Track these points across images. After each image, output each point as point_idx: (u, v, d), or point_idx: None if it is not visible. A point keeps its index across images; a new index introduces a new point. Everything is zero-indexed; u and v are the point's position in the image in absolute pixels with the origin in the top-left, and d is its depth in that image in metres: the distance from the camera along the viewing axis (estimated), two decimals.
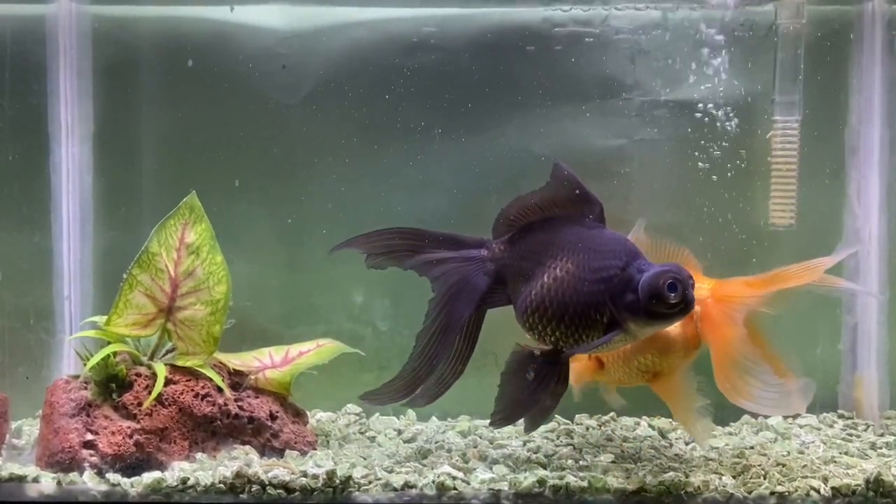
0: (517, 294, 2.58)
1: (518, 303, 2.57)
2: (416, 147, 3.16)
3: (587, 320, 2.48)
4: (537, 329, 2.54)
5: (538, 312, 2.52)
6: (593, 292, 2.46)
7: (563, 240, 2.54)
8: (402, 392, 2.62)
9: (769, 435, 3.00)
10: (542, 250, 2.55)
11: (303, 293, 3.21)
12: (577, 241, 2.52)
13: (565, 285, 2.49)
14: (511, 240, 2.63)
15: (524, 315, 2.55)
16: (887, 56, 3.11)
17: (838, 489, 2.49)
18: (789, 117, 3.06)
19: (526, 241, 2.60)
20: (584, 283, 2.47)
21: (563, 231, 2.55)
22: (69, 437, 2.59)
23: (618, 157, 3.15)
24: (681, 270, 2.39)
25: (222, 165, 3.16)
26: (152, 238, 2.74)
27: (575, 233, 2.54)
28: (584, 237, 2.52)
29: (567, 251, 2.51)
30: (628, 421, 3.13)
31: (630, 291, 2.42)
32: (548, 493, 2.47)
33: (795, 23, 3.06)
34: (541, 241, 2.57)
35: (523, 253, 2.59)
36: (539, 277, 2.53)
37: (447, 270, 2.62)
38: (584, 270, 2.48)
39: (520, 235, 2.61)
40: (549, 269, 2.52)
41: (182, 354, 2.76)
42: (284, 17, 3.16)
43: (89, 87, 3.12)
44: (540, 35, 3.14)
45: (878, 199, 3.14)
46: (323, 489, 2.47)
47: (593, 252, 2.49)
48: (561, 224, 2.57)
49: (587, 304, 2.47)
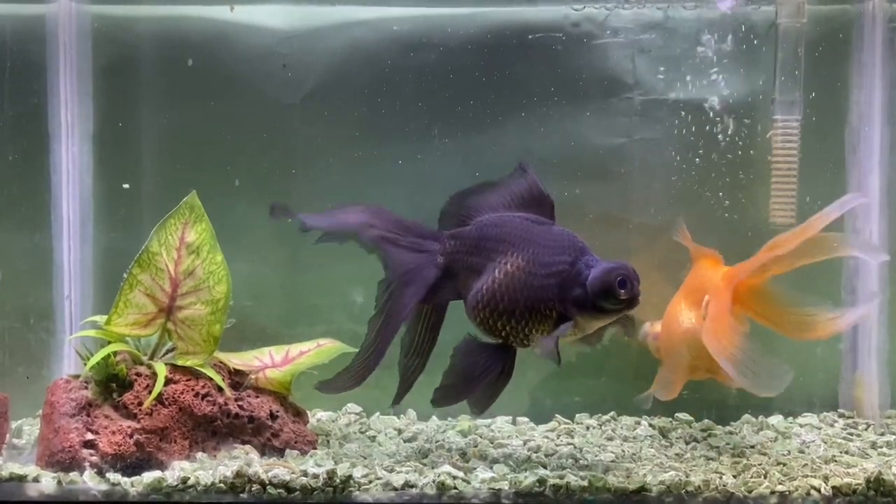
0: (467, 289, 2.62)
1: (468, 298, 2.61)
2: (416, 146, 3.16)
3: (537, 315, 2.52)
4: (488, 324, 2.58)
5: (489, 308, 2.56)
6: (543, 287, 2.51)
7: (513, 235, 2.58)
8: (353, 380, 2.66)
9: (770, 434, 3.00)
10: (493, 246, 2.60)
11: (303, 293, 3.21)
12: (527, 236, 2.57)
13: (515, 281, 2.53)
14: (460, 234, 2.66)
15: (474, 310, 2.59)
16: (887, 55, 3.11)
17: (839, 488, 2.49)
18: (789, 116, 3.06)
19: (476, 237, 2.64)
20: (534, 277, 2.52)
21: (513, 227, 2.60)
22: (69, 437, 2.59)
23: (617, 157, 3.15)
24: (629, 267, 2.46)
25: (222, 165, 3.16)
26: (152, 237, 2.74)
27: (525, 228, 2.59)
28: (533, 233, 2.57)
29: (517, 247, 2.56)
30: (629, 420, 3.13)
31: (578, 286, 2.48)
32: (548, 493, 2.47)
33: (796, 22, 3.06)
34: (491, 237, 2.61)
35: (473, 248, 2.63)
36: (489, 273, 2.57)
37: (399, 258, 2.67)
38: (534, 266, 2.53)
39: (469, 230, 2.65)
40: (499, 264, 2.56)
41: (182, 354, 2.76)
42: (284, 16, 3.16)
43: (89, 87, 3.12)
44: (540, 34, 3.14)
45: (878, 197, 3.14)
46: (323, 488, 2.47)
47: (542, 248, 2.54)
48: (510, 220, 2.62)
49: (537, 298, 2.51)
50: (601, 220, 3.15)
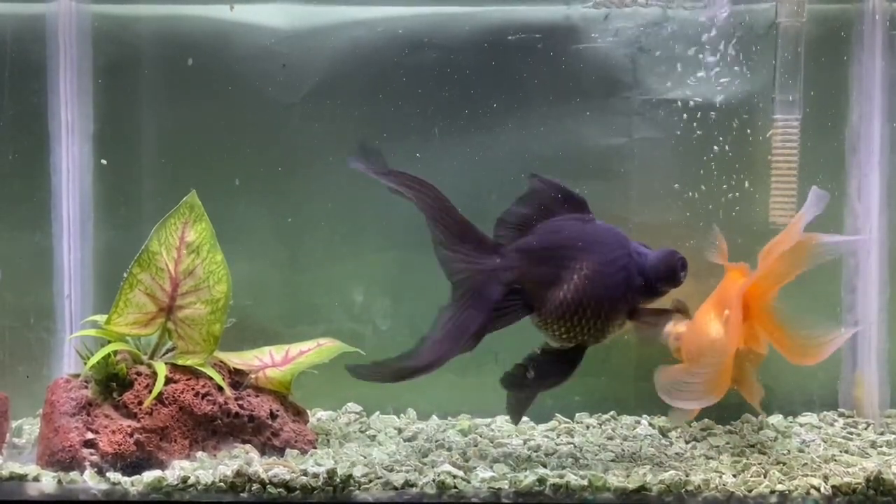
0: (540, 301, 2.60)
1: (546, 309, 2.60)
2: (416, 146, 3.15)
3: (614, 311, 2.59)
4: (570, 330, 2.60)
5: (576, 315, 2.58)
6: (616, 283, 2.58)
7: (576, 239, 2.61)
8: (385, 377, 2.60)
9: (769, 433, 3.00)
10: (562, 253, 2.60)
11: (303, 292, 3.21)
12: (588, 237, 2.61)
13: (594, 282, 2.57)
14: (524, 247, 2.63)
15: (559, 319, 2.59)
16: (887, 54, 3.11)
17: (839, 488, 2.49)
18: (789, 116, 3.06)
19: (542, 246, 2.62)
20: (607, 276, 2.58)
21: (573, 231, 2.62)
22: (70, 436, 2.59)
23: (617, 156, 3.15)
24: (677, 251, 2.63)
25: (222, 164, 3.16)
26: (152, 237, 2.74)
27: (582, 230, 2.62)
28: (589, 233, 2.62)
29: (584, 249, 2.60)
30: (628, 420, 3.13)
31: (639, 275, 2.59)
32: (548, 492, 2.47)
33: (796, 21, 3.06)
34: (557, 244, 2.61)
35: (539, 258, 2.61)
36: (567, 280, 2.58)
37: (463, 277, 2.61)
38: (605, 264, 2.58)
39: (531, 241, 2.63)
40: (574, 270, 2.58)
41: (182, 353, 2.76)
42: (284, 16, 3.16)
43: (89, 86, 3.12)
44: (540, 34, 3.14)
45: (878, 197, 3.14)
46: (323, 488, 2.48)
47: (603, 245, 2.60)
48: (567, 225, 2.63)
49: (613, 296, 2.58)
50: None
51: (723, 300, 2.79)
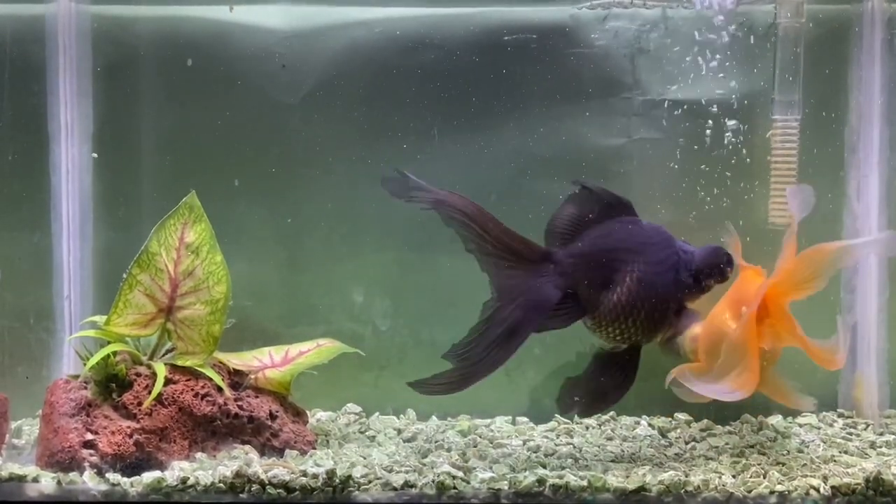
0: (594, 304, 2.64)
1: (601, 311, 2.64)
2: (416, 147, 3.16)
3: (667, 310, 2.65)
4: (625, 332, 2.65)
5: (630, 317, 2.63)
6: (666, 283, 2.64)
7: (626, 242, 2.66)
8: (452, 388, 2.62)
9: (769, 434, 3.00)
10: (610, 256, 2.64)
11: (302, 293, 3.20)
12: (635, 240, 2.66)
13: (646, 283, 2.62)
14: (577, 251, 2.66)
15: (613, 322, 2.64)
16: (887, 55, 3.11)
17: (838, 488, 2.49)
18: (789, 116, 3.06)
19: (594, 250, 2.65)
20: (658, 276, 2.63)
21: (618, 234, 2.67)
22: (69, 437, 2.59)
23: (616, 157, 3.15)
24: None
25: (222, 165, 3.16)
26: (152, 238, 2.74)
27: (628, 233, 2.67)
28: (637, 235, 2.68)
29: (632, 252, 2.64)
30: (628, 420, 3.13)
31: (687, 272, 2.66)
32: (547, 493, 2.47)
33: (795, 22, 3.06)
34: (608, 248, 2.66)
35: (591, 263, 2.64)
36: (619, 283, 2.62)
37: (510, 282, 2.62)
38: (655, 265, 2.64)
39: (583, 246, 2.66)
40: (625, 272, 2.62)
41: (182, 354, 2.76)
42: (284, 16, 3.15)
43: (89, 87, 3.12)
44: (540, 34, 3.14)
45: (877, 198, 3.14)
46: (323, 488, 2.48)
47: (652, 246, 2.66)
48: (612, 229, 2.68)
49: (665, 295, 2.64)
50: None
51: (738, 300, 2.78)
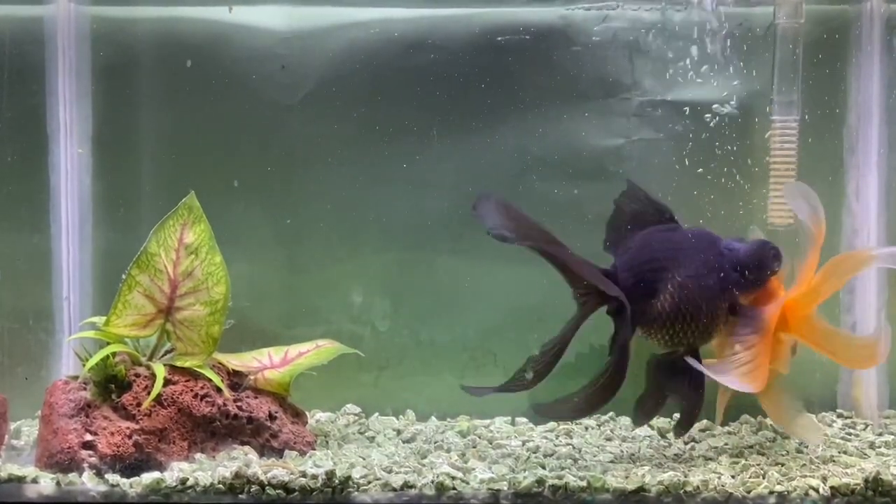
0: (643, 313, 2.67)
1: (648, 320, 2.67)
2: (415, 147, 3.16)
3: (716, 311, 2.66)
4: (674, 337, 2.67)
5: (678, 322, 2.65)
6: (711, 284, 2.66)
7: (663, 250, 2.69)
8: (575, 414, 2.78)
9: (768, 434, 3.00)
10: (653, 264, 2.68)
11: (302, 294, 3.21)
12: (675, 246, 2.69)
13: (689, 288, 2.65)
14: (625, 265, 2.69)
15: (662, 328, 2.67)
16: (885, 55, 3.11)
17: (837, 488, 2.49)
18: (788, 117, 3.06)
19: (638, 262, 2.69)
20: (702, 279, 2.65)
21: (658, 242, 2.70)
22: (68, 438, 2.59)
23: (616, 157, 3.15)
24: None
25: (221, 166, 3.16)
26: (151, 239, 2.74)
27: (668, 239, 2.71)
28: (677, 240, 2.71)
29: (673, 258, 2.67)
30: (627, 421, 3.13)
31: (734, 270, 2.67)
32: (547, 493, 2.47)
33: (794, 22, 3.06)
34: (647, 257, 2.69)
35: (635, 272, 2.67)
36: (665, 289, 2.66)
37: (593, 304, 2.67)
38: (696, 268, 2.66)
39: (627, 259, 2.69)
40: (670, 278, 2.65)
41: (181, 355, 2.76)
42: (283, 17, 3.16)
43: (88, 88, 3.12)
44: (540, 34, 3.14)
45: (876, 198, 3.14)
46: (322, 489, 2.48)
47: (693, 249, 2.68)
48: (652, 237, 2.71)
49: (711, 296, 2.65)
50: (600, 221, 3.15)
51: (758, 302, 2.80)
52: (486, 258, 3.17)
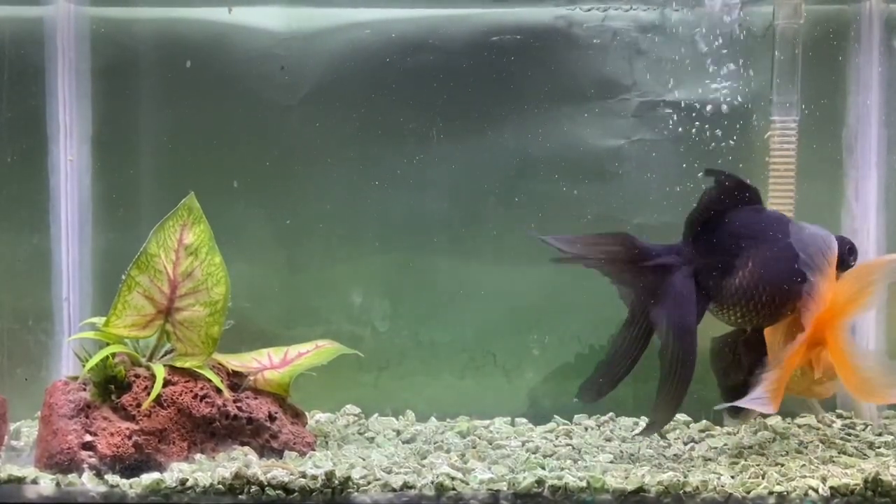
0: (717, 290, 2.70)
1: (724, 296, 2.70)
2: (415, 148, 3.16)
3: (787, 297, 2.67)
4: (747, 315, 2.70)
5: (752, 301, 2.67)
6: (786, 270, 2.66)
7: (742, 228, 2.70)
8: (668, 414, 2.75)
9: (767, 435, 3.01)
10: (731, 241, 2.70)
11: (301, 294, 3.21)
12: (757, 227, 2.71)
13: (766, 270, 2.67)
14: (700, 241, 2.71)
15: (735, 306, 2.69)
16: (885, 55, 3.11)
17: (837, 489, 2.49)
18: (787, 117, 3.07)
19: (716, 239, 2.71)
20: (779, 263, 2.66)
21: (739, 221, 2.71)
22: (68, 439, 2.59)
23: (616, 157, 3.16)
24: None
25: (221, 166, 3.16)
26: (151, 239, 2.74)
27: (751, 220, 2.72)
28: (759, 222, 2.72)
29: (754, 239, 2.69)
30: (627, 421, 3.14)
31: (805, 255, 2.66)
32: (546, 493, 2.48)
33: (793, 23, 3.06)
34: (724, 235, 2.70)
35: (712, 250, 2.70)
36: (740, 268, 2.68)
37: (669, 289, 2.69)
38: (776, 252, 2.67)
39: (706, 235, 2.71)
40: (746, 258, 2.67)
41: (181, 355, 2.76)
42: (282, 18, 3.16)
43: (88, 89, 3.12)
44: (539, 35, 3.15)
45: (875, 198, 3.14)
46: (322, 490, 2.48)
47: (772, 232, 2.69)
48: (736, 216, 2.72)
49: (789, 280, 2.66)
50: (600, 221, 3.16)
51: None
52: (486, 259, 3.17)
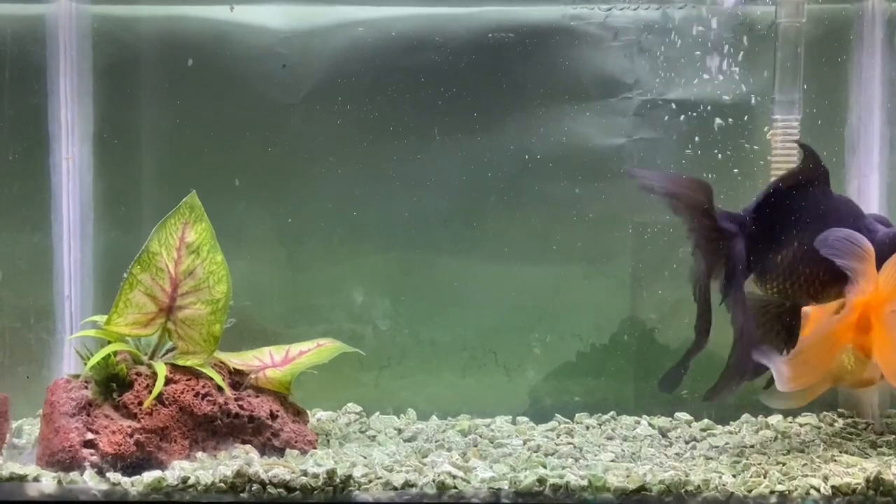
0: (763, 260, 2.73)
1: (770, 267, 2.73)
2: (416, 147, 3.16)
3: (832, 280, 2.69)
4: (789, 290, 2.73)
5: (796, 274, 2.71)
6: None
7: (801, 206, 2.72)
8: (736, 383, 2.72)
9: (769, 434, 3.01)
10: (786, 217, 2.72)
11: (303, 292, 3.21)
12: (815, 205, 2.72)
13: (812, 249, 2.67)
14: (759, 211, 2.74)
15: (777, 277, 2.73)
16: (887, 54, 3.11)
17: (838, 488, 2.49)
18: (789, 116, 3.07)
19: (771, 212, 2.73)
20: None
21: (800, 198, 2.73)
22: (70, 437, 2.59)
23: (617, 156, 3.15)
24: None
25: (222, 165, 3.16)
26: (152, 237, 2.74)
27: (813, 199, 2.73)
28: (818, 202, 2.73)
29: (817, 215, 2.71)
30: (628, 420, 3.13)
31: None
32: (548, 492, 2.47)
33: (795, 21, 3.06)
34: (783, 210, 2.73)
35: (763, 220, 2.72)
36: (795, 241, 2.71)
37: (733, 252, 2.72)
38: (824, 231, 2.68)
39: (764, 207, 2.74)
40: (803, 232, 2.70)
41: (182, 354, 2.77)
42: (284, 16, 3.16)
43: (89, 87, 3.12)
44: (539, 34, 3.14)
45: (878, 197, 3.14)
46: (323, 488, 2.48)
47: (831, 216, 2.71)
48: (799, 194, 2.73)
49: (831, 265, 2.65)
50: (601, 220, 3.16)
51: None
52: (487, 258, 3.17)
